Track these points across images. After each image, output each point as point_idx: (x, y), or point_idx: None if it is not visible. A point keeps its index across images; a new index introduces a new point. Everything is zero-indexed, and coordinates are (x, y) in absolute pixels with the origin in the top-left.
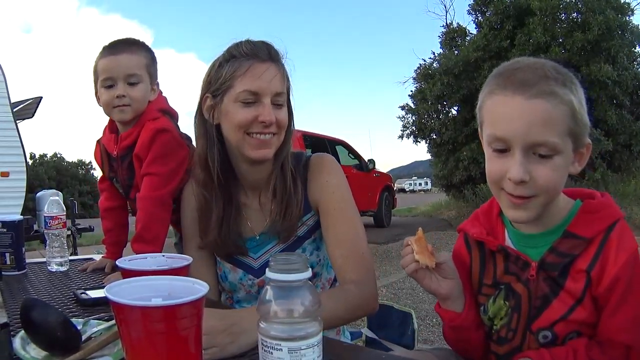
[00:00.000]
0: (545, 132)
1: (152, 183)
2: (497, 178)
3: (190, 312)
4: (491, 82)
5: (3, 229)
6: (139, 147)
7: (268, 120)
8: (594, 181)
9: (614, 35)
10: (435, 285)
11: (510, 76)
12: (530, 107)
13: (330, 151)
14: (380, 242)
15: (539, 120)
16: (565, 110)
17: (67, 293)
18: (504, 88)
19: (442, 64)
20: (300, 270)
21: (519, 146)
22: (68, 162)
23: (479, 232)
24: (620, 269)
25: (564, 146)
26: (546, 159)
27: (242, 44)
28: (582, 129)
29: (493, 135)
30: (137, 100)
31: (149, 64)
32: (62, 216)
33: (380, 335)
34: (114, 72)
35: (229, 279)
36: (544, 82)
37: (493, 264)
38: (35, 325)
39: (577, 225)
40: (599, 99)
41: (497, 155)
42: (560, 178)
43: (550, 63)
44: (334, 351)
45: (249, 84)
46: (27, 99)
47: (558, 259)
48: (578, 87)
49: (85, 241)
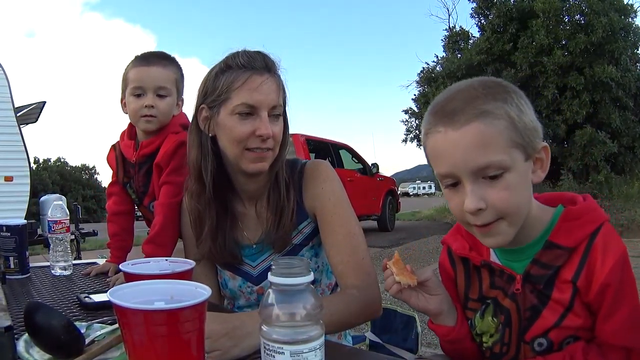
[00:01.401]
0: (486, 153)
1: (170, 191)
2: (458, 213)
3: (192, 315)
4: (425, 122)
5: (7, 233)
6: (161, 157)
7: (265, 134)
8: (598, 183)
9: (618, 37)
10: (423, 303)
11: (439, 111)
12: (463, 136)
13: (333, 155)
14: (384, 246)
15: (475, 145)
16: (502, 125)
17: (71, 297)
18: (436, 125)
19: (445, 67)
20: (302, 274)
21: (466, 176)
22: (72, 167)
23: (462, 247)
24: (608, 275)
25: (512, 160)
26: (498, 180)
27: (238, 54)
28: (528, 135)
29: (439, 173)
30: (163, 113)
31: (178, 80)
32: (66, 220)
33: (384, 339)
34: (145, 82)
35: (229, 286)
36: (471, 105)
37: (478, 279)
38: (39, 328)
39: (558, 235)
40: (602, 101)
41: (451, 191)
42: (519, 194)
43: (478, 81)
44: (336, 355)
45: (247, 97)
46: (31, 104)
47: (542, 271)
48: (514, 94)
49: (88, 245)
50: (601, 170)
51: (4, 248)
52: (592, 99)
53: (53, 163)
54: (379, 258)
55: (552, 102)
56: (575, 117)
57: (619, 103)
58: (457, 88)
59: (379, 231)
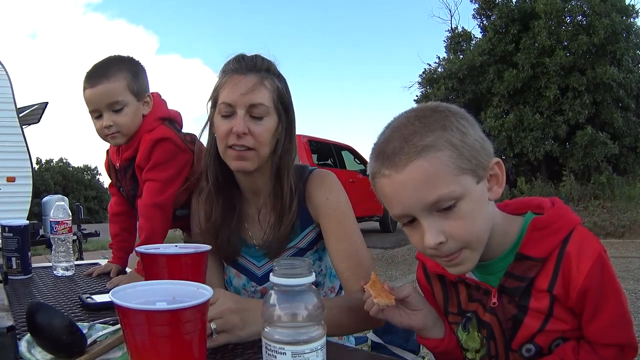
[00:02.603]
0: (433, 189)
1: (152, 189)
2: (421, 248)
3: (194, 316)
4: (370, 166)
5: (9, 234)
6: (139, 159)
7: (236, 131)
8: (600, 184)
9: (619, 38)
10: (405, 319)
11: (380, 154)
12: (408, 177)
13: (336, 156)
14: (386, 247)
15: (421, 183)
16: (445, 155)
17: (73, 297)
18: (380, 169)
19: (447, 68)
20: (304, 275)
21: (420, 213)
22: (74, 168)
23: (436, 264)
24: (585, 280)
25: (463, 188)
26: (452, 210)
27: (233, 58)
28: (476, 157)
29: (394, 215)
30: (125, 126)
31: (131, 83)
32: (68, 221)
33: (386, 340)
34: (96, 104)
35: (234, 284)
36: (410, 143)
37: (456, 293)
38: (41, 328)
39: (527, 246)
40: (604, 102)
41: (409, 228)
42: (476, 220)
43: (414, 113)
44: (338, 355)
45: (225, 96)
46: (33, 105)
47: (516, 283)
48: (453, 118)
49: (91, 246)
50: (603, 171)
51: (7, 249)
52: (594, 100)
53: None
54: (381, 259)
55: (553, 103)
56: (577, 117)
57: (620, 104)
58: (395, 125)
59: (381, 232)
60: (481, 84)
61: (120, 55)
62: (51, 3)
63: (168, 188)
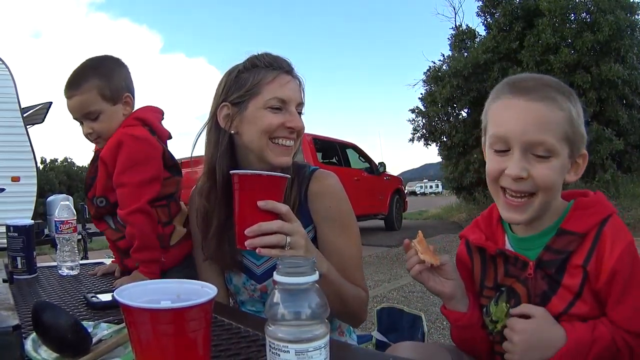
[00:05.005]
0: (542, 132)
1: (127, 196)
2: (496, 175)
3: (198, 314)
4: (497, 89)
5: (14, 234)
6: (104, 150)
7: (295, 126)
8: (604, 182)
9: (624, 35)
10: (439, 285)
11: (515, 83)
12: (529, 108)
13: (340, 154)
14: (391, 245)
15: (536, 121)
16: (562, 116)
17: (78, 296)
18: (508, 93)
19: (452, 66)
20: (307, 273)
21: (518, 145)
22: (78, 167)
23: (479, 238)
24: (616, 262)
25: (561, 149)
26: (543, 159)
27: (262, 55)
28: (578, 138)
29: (494, 135)
30: (103, 131)
31: (103, 90)
32: (73, 221)
33: (391, 338)
34: (74, 115)
35: (234, 282)
36: (544, 89)
37: (494, 268)
38: (47, 327)
39: (570, 222)
40: (609, 99)
41: (497, 155)
42: (558, 179)
43: (552, 78)
44: (341, 354)
45: (278, 91)
46: (37, 104)
47: (554, 256)
48: (577, 101)
49: (95, 245)
50: (607, 169)
51: (12, 248)
52: (599, 97)
53: (60, 163)
54: (385, 257)
55: None
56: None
57: (625, 101)
58: (533, 75)
59: (386, 230)
60: (486, 81)
61: (94, 59)
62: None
63: (142, 193)
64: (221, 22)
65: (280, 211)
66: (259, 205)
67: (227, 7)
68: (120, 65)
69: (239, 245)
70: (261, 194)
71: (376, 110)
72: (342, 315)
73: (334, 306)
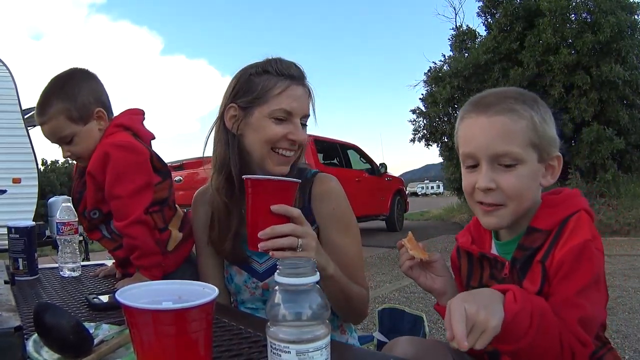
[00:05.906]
0: (506, 143)
1: (119, 210)
2: (469, 190)
3: (200, 315)
4: (463, 110)
5: (15, 235)
6: (91, 164)
7: (297, 139)
8: (605, 182)
9: (625, 35)
10: (430, 282)
11: (477, 102)
12: (491, 123)
13: (341, 155)
14: (392, 246)
15: (499, 134)
16: (525, 124)
17: (79, 298)
18: (471, 112)
19: (452, 66)
20: (308, 274)
21: (485, 158)
22: None
23: (466, 241)
24: (564, 255)
25: (527, 156)
26: (510, 169)
27: (276, 61)
28: (545, 142)
29: (463, 153)
30: (81, 151)
31: (69, 113)
32: (74, 222)
33: (392, 338)
34: (51, 140)
35: (235, 281)
36: (503, 102)
37: (480, 270)
38: (48, 328)
39: (537, 220)
40: (609, 100)
41: (469, 171)
42: (526, 186)
43: (514, 89)
44: (342, 354)
45: (285, 103)
46: None
47: (523, 254)
48: (541, 106)
49: (97, 247)
50: (608, 169)
51: (13, 250)
52: (600, 98)
53: (61, 165)
54: (387, 258)
55: (559, 101)
56: (583, 115)
57: (626, 101)
58: (495, 90)
59: (387, 231)
60: (487, 82)
61: (58, 79)
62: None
63: (138, 202)
64: (222, 23)
65: (292, 215)
66: (273, 209)
67: (227, 8)
68: (88, 78)
69: (252, 247)
70: (274, 199)
71: (377, 111)
72: (346, 313)
73: (339, 304)
